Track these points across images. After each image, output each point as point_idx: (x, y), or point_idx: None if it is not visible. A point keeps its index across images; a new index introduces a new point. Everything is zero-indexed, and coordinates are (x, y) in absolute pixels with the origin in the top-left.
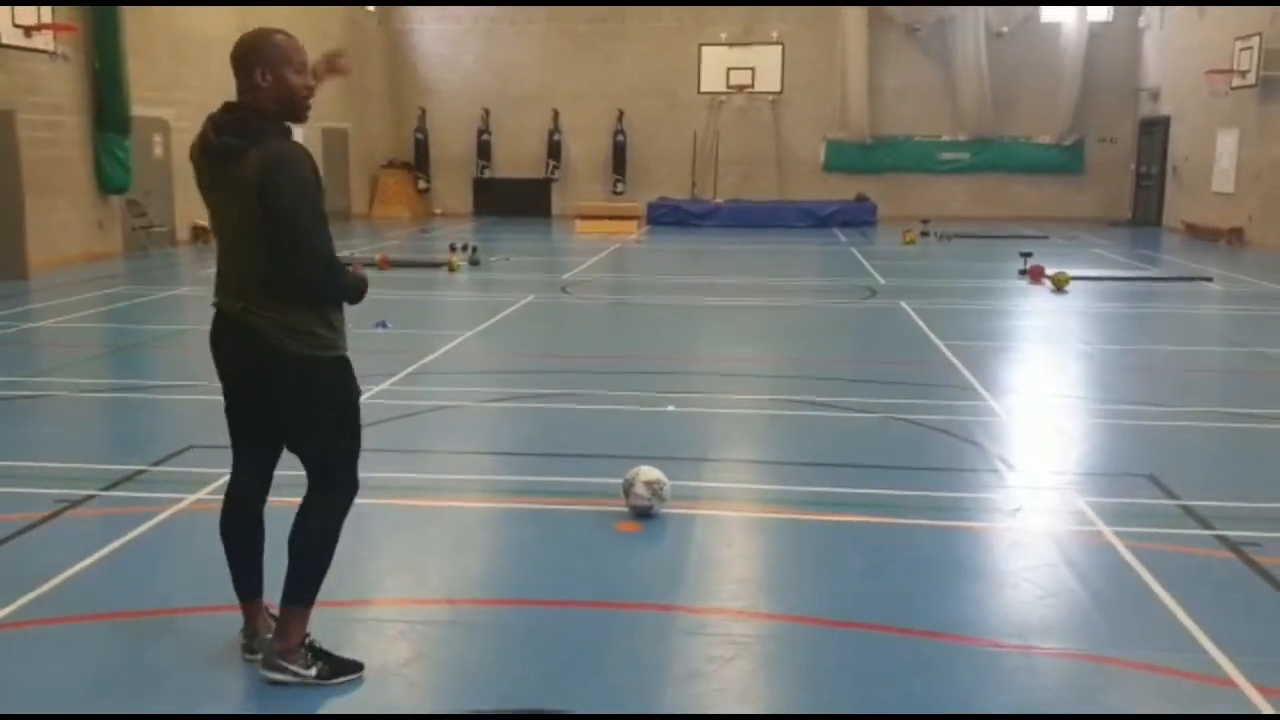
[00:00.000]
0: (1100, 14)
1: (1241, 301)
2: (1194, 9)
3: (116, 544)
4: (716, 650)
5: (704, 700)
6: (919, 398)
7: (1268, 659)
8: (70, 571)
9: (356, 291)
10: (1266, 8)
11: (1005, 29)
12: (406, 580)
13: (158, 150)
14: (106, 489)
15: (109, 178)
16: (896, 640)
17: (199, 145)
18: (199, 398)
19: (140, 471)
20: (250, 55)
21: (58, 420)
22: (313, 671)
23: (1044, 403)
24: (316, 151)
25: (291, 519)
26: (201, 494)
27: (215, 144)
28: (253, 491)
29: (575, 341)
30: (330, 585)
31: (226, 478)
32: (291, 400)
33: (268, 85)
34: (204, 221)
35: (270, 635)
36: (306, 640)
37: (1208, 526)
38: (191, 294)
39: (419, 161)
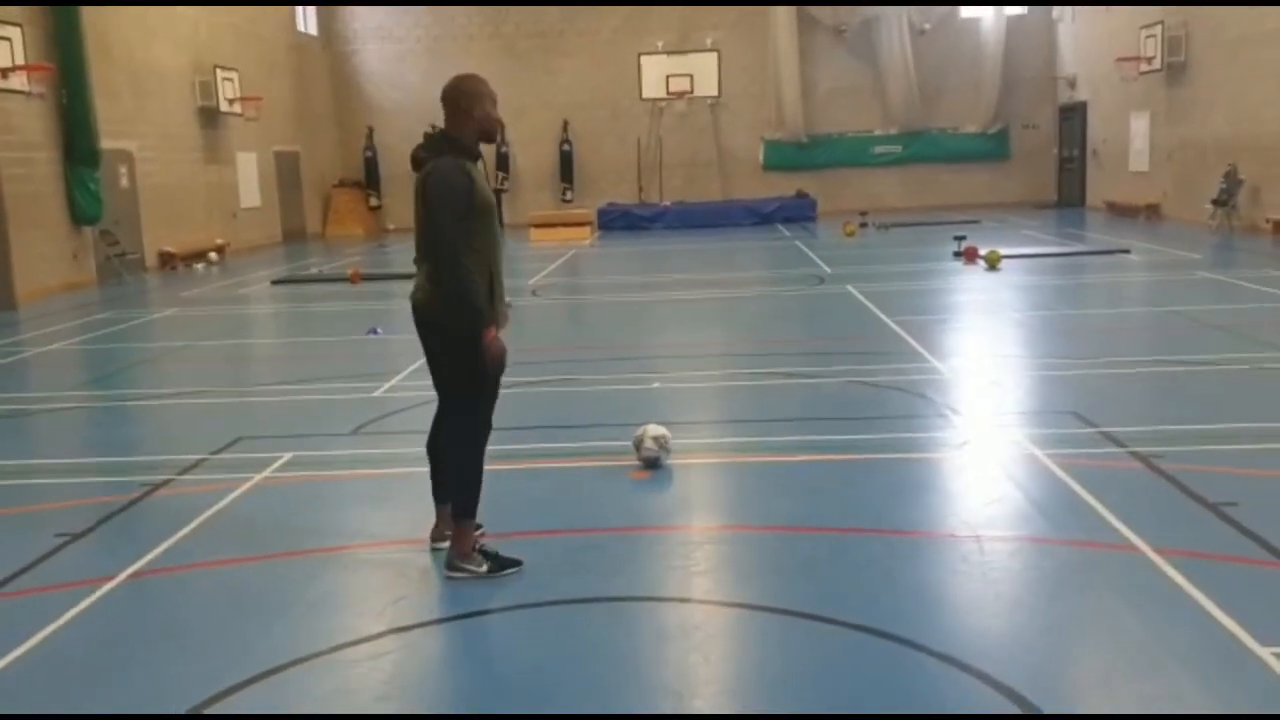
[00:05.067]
0: (1017, 8)
1: (1156, 270)
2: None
3: (211, 512)
4: (726, 551)
5: (727, 588)
6: (872, 364)
7: (1165, 532)
8: (182, 532)
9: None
10: None
11: (927, 26)
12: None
13: (124, 181)
14: (180, 474)
15: (82, 209)
16: (873, 539)
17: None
18: (222, 401)
19: (203, 460)
20: (464, 95)
21: (104, 426)
22: (484, 568)
23: (982, 362)
24: (270, 175)
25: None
26: (267, 472)
27: (414, 158)
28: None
29: (556, 337)
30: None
31: (284, 458)
32: (444, 354)
33: (478, 117)
34: (171, 248)
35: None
36: (477, 545)
37: (1121, 445)
38: (180, 315)
39: (370, 179)
